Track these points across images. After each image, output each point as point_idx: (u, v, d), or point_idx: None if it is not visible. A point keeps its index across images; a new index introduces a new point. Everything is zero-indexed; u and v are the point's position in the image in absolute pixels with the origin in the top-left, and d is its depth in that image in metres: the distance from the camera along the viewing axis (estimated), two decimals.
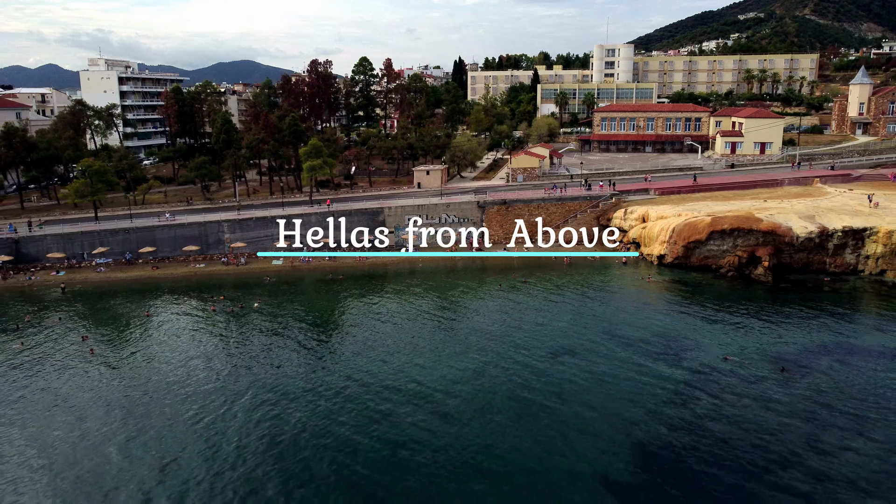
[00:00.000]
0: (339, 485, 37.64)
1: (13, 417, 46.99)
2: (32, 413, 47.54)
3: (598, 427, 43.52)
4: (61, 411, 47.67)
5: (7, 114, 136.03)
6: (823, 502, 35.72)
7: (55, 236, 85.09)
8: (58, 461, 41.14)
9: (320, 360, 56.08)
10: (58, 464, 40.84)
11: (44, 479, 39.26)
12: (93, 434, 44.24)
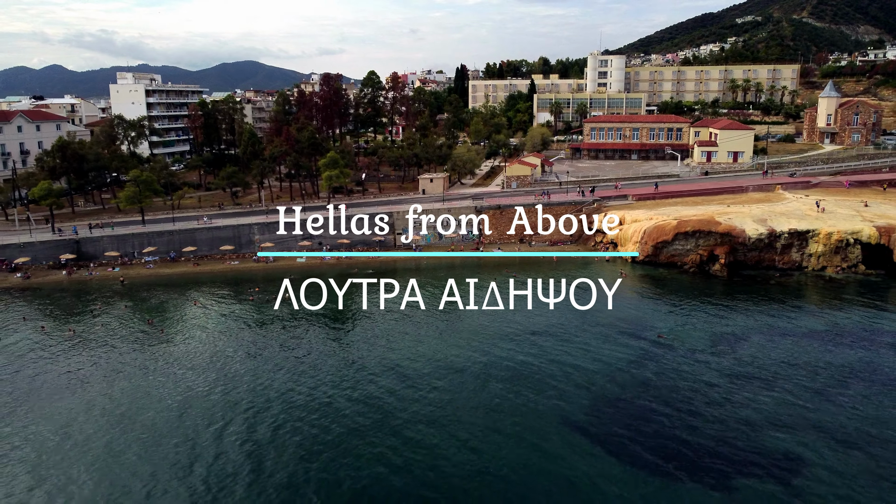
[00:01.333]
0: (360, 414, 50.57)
1: (112, 377, 59.98)
2: (130, 375, 60.53)
3: (562, 385, 56.35)
4: (150, 373, 60.67)
5: (49, 126, 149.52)
6: (728, 437, 48.44)
7: (111, 237, 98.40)
8: (150, 403, 54.11)
9: (342, 336, 69.12)
10: (148, 403, 53.80)
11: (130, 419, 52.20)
12: (171, 392, 57.21)
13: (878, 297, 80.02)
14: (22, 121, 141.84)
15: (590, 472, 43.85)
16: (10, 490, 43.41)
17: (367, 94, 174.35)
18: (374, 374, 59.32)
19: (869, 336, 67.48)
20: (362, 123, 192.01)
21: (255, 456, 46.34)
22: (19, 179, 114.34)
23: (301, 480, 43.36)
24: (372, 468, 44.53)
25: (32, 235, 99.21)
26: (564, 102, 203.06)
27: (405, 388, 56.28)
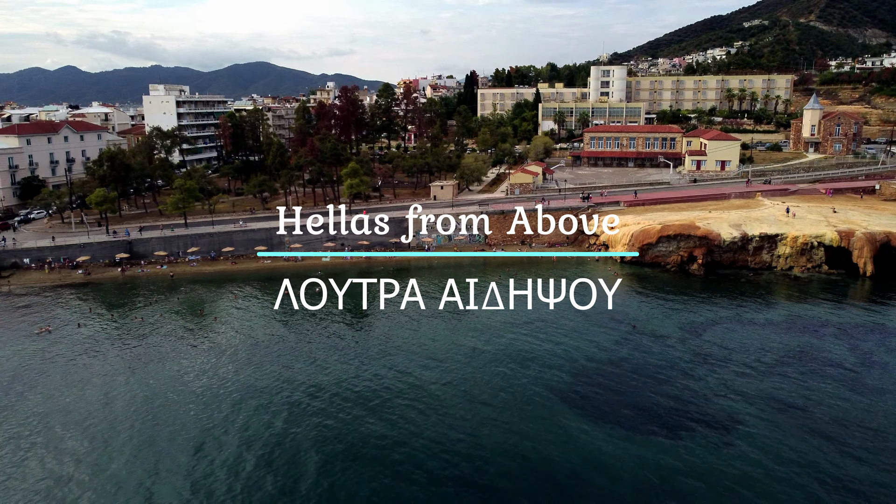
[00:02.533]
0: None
1: (166, 356, 72.34)
2: (186, 356, 72.89)
3: (550, 360, 68.19)
4: (205, 353, 73.01)
5: (91, 135, 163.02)
6: (684, 402, 60.03)
7: (158, 238, 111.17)
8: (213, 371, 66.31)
9: (363, 324, 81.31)
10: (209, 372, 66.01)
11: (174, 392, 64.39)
12: (224, 366, 69.48)
13: (835, 294, 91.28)
14: (68, 131, 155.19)
15: (567, 425, 55.62)
16: (91, 436, 55.67)
17: (382, 105, 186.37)
18: (393, 353, 71.36)
19: (818, 326, 78.88)
20: (377, 130, 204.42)
21: (293, 421, 58.50)
22: (75, 186, 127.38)
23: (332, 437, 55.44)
24: (395, 415, 56.52)
25: (90, 237, 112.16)
26: (568, 111, 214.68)
27: (429, 361, 68.28)
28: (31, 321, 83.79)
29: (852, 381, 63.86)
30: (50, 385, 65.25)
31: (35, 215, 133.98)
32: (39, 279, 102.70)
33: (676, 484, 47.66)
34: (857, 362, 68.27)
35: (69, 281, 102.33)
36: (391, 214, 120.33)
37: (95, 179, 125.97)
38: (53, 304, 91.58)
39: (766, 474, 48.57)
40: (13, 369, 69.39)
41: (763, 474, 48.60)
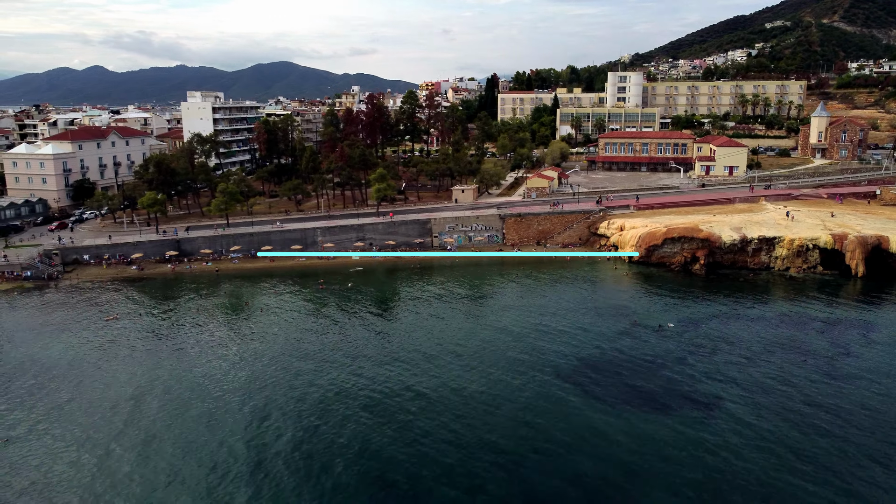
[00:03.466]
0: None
1: (221, 342, 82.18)
2: (236, 342, 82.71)
3: (558, 349, 76.97)
4: (249, 341, 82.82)
5: (135, 140, 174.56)
6: (674, 384, 68.44)
7: (204, 237, 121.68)
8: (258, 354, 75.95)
9: (392, 316, 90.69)
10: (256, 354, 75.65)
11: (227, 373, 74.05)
12: (270, 349, 79.17)
13: (827, 293, 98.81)
14: (115, 137, 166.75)
15: (571, 401, 64.39)
16: (147, 410, 65.49)
17: (406, 111, 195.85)
18: (420, 341, 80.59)
19: (806, 321, 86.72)
20: (401, 134, 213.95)
21: (326, 398, 67.93)
22: (127, 189, 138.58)
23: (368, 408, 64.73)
24: (423, 387, 65.68)
25: (141, 235, 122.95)
26: (584, 116, 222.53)
27: (455, 347, 77.41)
28: (99, 311, 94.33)
29: (828, 368, 71.81)
30: (129, 361, 75.32)
31: (88, 215, 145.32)
32: (98, 274, 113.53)
33: (664, 449, 56.13)
34: (835, 353, 76.18)
35: (125, 276, 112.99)
36: (415, 216, 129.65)
37: (144, 183, 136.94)
38: (114, 296, 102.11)
39: (742, 443, 56.87)
40: (98, 346, 79.75)
41: (739, 443, 56.90)
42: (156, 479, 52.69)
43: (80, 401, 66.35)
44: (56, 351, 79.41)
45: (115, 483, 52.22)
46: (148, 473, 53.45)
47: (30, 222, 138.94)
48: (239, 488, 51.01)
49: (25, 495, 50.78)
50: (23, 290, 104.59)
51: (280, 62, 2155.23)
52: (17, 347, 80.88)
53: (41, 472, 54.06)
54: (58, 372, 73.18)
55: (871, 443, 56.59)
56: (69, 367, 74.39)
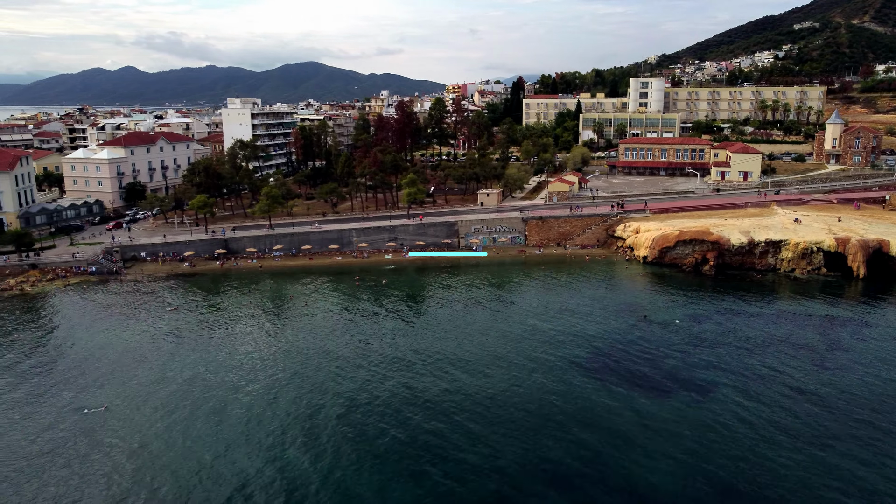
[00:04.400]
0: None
1: (269, 331, 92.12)
2: (283, 331, 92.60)
3: (573, 339, 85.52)
4: (291, 329, 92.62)
5: (181, 146, 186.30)
6: (675, 372, 76.63)
7: (249, 237, 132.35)
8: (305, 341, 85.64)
9: (423, 311, 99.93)
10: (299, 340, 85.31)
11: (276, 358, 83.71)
12: (316, 339, 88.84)
13: (828, 293, 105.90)
14: (163, 142, 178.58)
15: (581, 384, 73.00)
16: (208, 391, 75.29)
17: (435, 117, 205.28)
18: (448, 334, 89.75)
19: (804, 318, 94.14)
20: (429, 138, 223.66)
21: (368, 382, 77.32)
22: (178, 191, 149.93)
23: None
24: (450, 375, 74.75)
25: (192, 235, 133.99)
26: (606, 121, 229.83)
27: (482, 339, 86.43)
28: (159, 302, 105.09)
29: (818, 360, 79.39)
30: (194, 345, 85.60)
31: (140, 216, 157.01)
32: (154, 270, 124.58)
33: (663, 423, 64.45)
34: (827, 346, 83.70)
35: (179, 271, 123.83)
36: (443, 219, 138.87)
37: (193, 186, 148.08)
38: (171, 289, 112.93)
39: (730, 421, 65.02)
40: (165, 333, 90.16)
41: (729, 419, 65.05)
42: (230, 438, 62.40)
43: (157, 377, 76.51)
44: (128, 336, 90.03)
45: (197, 440, 62.00)
46: (223, 433, 63.20)
47: (88, 222, 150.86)
48: (300, 448, 60.48)
49: (135, 457, 60.78)
50: (90, 284, 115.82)
51: (308, 62, 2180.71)
52: (94, 334, 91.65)
53: (141, 431, 64.05)
54: (133, 354, 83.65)
55: (844, 422, 64.38)
56: (143, 350, 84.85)
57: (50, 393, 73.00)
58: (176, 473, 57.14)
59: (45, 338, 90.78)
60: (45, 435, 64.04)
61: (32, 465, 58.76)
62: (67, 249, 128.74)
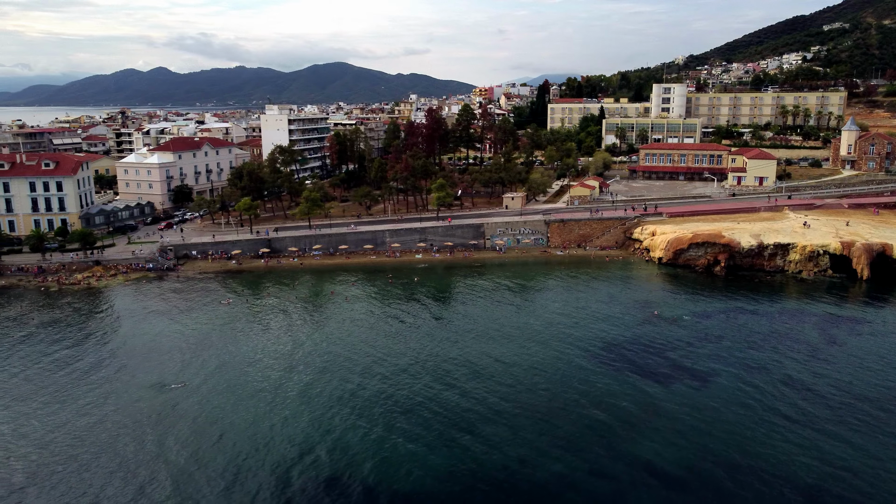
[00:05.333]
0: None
1: (307, 322, 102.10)
2: (323, 323, 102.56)
3: (588, 332, 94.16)
4: (331, 321, 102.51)
5: (224, 150, 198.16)
6: (679, 362, 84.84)
7: (291, 237, 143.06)
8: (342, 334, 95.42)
9: (451, 306, 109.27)
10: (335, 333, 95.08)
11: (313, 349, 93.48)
12: (352, 333, 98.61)
13: (832, 293, 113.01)
14: (208, 147, 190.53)
15: (596, 371, 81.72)
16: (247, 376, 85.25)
17: (462, 123, 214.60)
18: (475, 327, 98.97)
19: (805, 315, 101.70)
20: (457, 142, 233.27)
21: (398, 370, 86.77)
22: (219, 193, 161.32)
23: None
24: (476, 362, 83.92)
25: (238, 235, 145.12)
26: (629, 127, 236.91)
27: (509, 331, 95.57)
28: (213, 297, 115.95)
29: (814, 353, 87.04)
30: (250, 335, 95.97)
31: (188, 216, 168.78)
32: (205, 267, 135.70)
33: (664, 407, 72.92)
34: (822, 341, 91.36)
35: (227, 269, 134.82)
36: (470, 221, 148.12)
37: (237, 189, 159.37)
38: (222, 285, 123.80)
39: (727, 403, 73.25)
40: (222, 324, 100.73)
41: (724, 403, 73.29)
42: (291, 411, 72.35)
43: (221, 361, 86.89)
44: (189, 325, 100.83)
45: (263, 412, 72.03)
46: (284, 407, 73.21)
47: (141, 222, 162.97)
48: (352, 419, 70.18)
49: (216, 424, 71.03)
50: (148, 279, 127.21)
51: (335, 63, 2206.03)
52: (157, 323, 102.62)
53: (217, 405, 74.26)
54: (196, 340, 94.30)
55: (830, 406, 72.30)
56: (205, 338, 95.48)
57: (130, 373, 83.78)
58: (253, 437, 67.05)
59: (115, 326, 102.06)
60: (136, 405, 74.61)
61: (131, 431, 69.16)
62: (126, 248, 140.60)
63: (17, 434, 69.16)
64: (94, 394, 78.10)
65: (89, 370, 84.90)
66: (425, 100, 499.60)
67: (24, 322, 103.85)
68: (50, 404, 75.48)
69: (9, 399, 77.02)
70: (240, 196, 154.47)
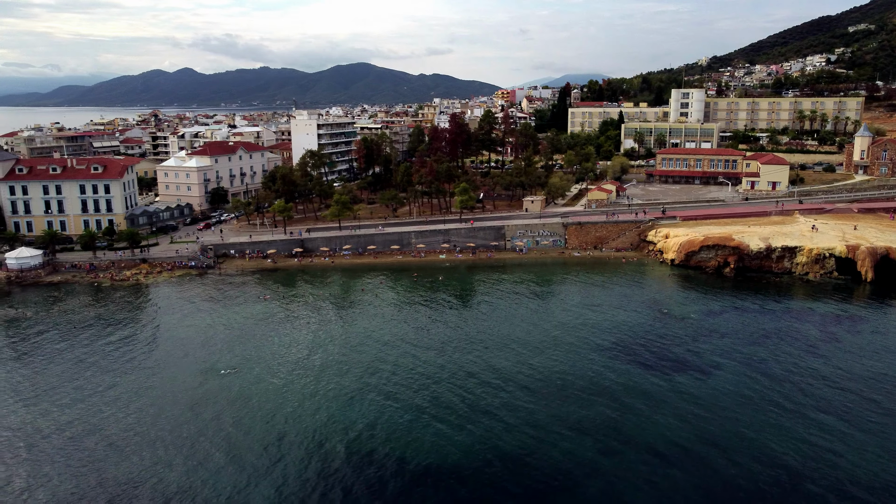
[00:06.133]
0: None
1: (345, 316, 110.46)
2: (356, 317, 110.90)
3: (600, 328, 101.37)
4: (360, 314, 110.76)
5: (257, 154, 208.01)
6: (682, 356, 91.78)
7: (322, 237, 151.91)
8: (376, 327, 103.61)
9: (473, 303, 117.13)
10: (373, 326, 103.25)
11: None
12: (383, 326, 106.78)
13: (836, 294, 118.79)
14: (242, 152, 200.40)
15: (605, 363, 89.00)
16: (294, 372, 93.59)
17: (485, 128, 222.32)
18: (495, 322, 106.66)
19: (806, 313, 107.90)
20: (479, 146, 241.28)
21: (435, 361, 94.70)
22: (254, 195, 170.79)
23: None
24: (492, 354, 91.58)
25: (273, 235, 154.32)
26: (647, 131, 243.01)
27: (520, 324, 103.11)
28: (253, 292, 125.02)
29: (810, 349, 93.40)
30: (290, 327, 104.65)
31: (224, 217, 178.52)
32: (242, 265, 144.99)
33: (667, 396, 79.96)
34: (821, 338, 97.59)
35: (263, 267, 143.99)
36: (491, 223, 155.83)
37: (271, 192, 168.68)
38: (259, 281, 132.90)
39: (723, 392, 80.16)
40: (264, 317, 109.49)
41: (721, 392, 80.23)
42: (335, 394, 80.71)
43: (264, 350, 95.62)
44: (233, 319, 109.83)
45: (311, 395, 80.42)
46: (331, 388, 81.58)
47: (181, 222, 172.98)
48: (398, 401, 78.34)
49: (269, 402, 79.63)
50: (191, 276, 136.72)
51: (358, 63, 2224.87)
52: (203, 316, 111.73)
53: (268, 387, 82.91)
54: (240, 333, 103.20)
55: (821, 396, 78.95)
56: (248, 330, 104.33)
57: (185, 359, 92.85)
58: (299, 418, 75.45)
59: (165, 318, 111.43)
60: (200, 387, 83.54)
61: (194, 410, 78.01)
62: (169, 246, 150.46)
63: (105, 402, 78.23)
64: (156, 378, 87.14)
65: (147, 357, 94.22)
66: (448, 102, 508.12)
67: (82, 314, 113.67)
68: (116, 386, 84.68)
69: (82, 380, 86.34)
70: (273, 198, 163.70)
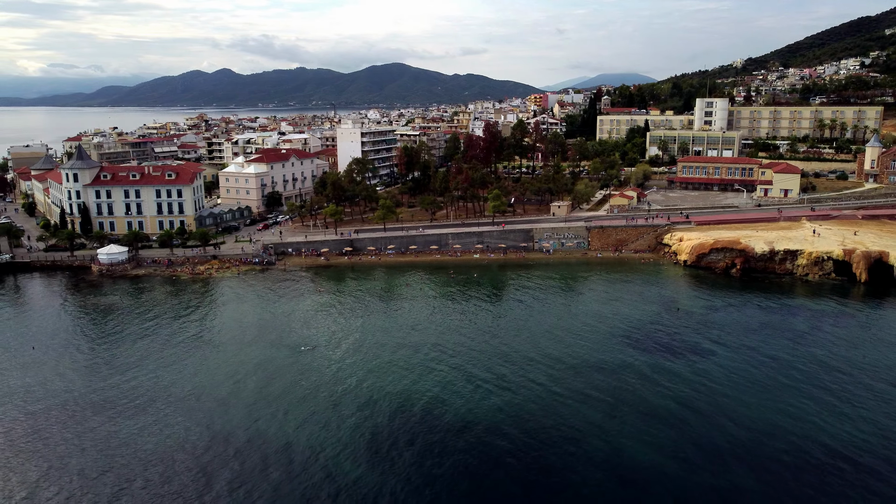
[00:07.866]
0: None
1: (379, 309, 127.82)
2: (401, 310, 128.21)
3: (617, 319, 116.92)
4: (397, 311, 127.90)
5: (307, 161, 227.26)
6: (691, 347, 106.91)
7: (369, 238, 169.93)
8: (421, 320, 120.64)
9: (502, 298, 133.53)
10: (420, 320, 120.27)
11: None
12: (419, 318, 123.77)
13: (832, 293, 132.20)
14: (294, 159, 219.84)
15: (618, 349, 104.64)
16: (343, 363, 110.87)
17: (517, 136, 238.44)
18: (524, 313, 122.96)
19: (800, 310, 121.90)
20: (510, 151, 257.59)
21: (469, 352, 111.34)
22: (307, 199, 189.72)
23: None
24: (524, 344, 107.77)
25: (325, 235, 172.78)
26: (671, 139, 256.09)
27: (546, 317, 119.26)
28: (310, 285, 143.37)
29: (797, 339, 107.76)
30: (347, 315, 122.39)
31: (280, 219, 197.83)
32: (299, 262, 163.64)
33: (669, 377, 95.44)
34: (808, 330, 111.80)
35: (316, 264, 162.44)
36: (521, 226, 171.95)
37: (323, 196, 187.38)
38: (315, 276, 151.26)
39: (717, 375, 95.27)
40: (324, 306, 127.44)
41: (716, 376, 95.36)
42: (408, 366, 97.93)
43: (328, 332, 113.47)
44: (296, 307, 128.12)
45: (376, 368, 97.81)
46: (391, 365, 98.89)
47: (241, 223, 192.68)
48: (441, 381, 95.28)
49: (345, 376, 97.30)
50: (255, 272, 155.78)
51: (393, 64, 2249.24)
52: (270, 305, 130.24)
53: (343, 364, 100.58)
54: (304, 319, 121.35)
55: (801, 379, 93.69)
56: (310, 317, 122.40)
57: (262, 340, 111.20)
58: (370, 388, 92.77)
59: (238, 306, 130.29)
60: (285, 360, 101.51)
61: (284, 379, 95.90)
62: (235, 245, 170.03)
63: (201, 372, 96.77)
64: (247, 352, 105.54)
65: (242, 334, 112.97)
66: (482, 106, 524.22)
67: (167, 303, 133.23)
68: (209, 359, 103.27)
69: (183, 354, 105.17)
70: (324, 202, 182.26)
